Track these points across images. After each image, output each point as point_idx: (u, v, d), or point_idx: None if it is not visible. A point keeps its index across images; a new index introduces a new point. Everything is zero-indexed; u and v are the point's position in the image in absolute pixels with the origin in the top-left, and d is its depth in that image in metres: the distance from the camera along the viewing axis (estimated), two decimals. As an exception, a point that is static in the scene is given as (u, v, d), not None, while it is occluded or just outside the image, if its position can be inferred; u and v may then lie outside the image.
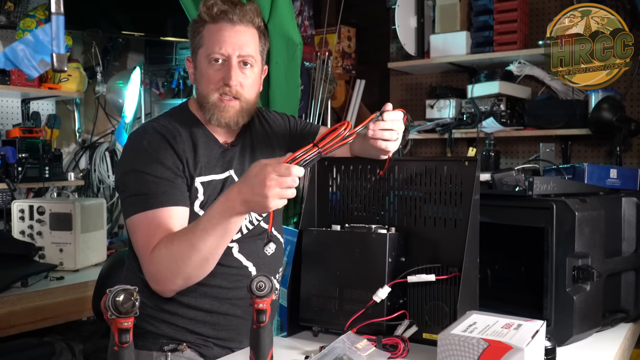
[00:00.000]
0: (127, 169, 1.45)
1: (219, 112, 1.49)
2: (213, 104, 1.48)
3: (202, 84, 1.50)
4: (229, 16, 1.47)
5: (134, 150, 1.46)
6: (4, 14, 3.03)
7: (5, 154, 2.96)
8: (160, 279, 1.37)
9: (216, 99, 1.48)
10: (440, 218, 1.44)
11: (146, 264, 1.39)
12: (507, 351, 1.01)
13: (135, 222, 1.40)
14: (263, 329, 1.19)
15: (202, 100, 1.50)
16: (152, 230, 1.37)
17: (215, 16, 1.47)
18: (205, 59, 1.48)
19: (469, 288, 1.37)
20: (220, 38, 1.47)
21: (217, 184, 1.49)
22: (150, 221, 1.38)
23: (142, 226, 1.39)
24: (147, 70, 3.81)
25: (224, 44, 1.47)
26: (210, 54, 1.47)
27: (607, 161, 3.06)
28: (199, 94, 1.52)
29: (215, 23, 1.48)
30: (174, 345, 1.46)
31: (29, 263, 2.54)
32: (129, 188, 1.42)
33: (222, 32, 1.47)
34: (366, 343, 1.30)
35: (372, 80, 3.82)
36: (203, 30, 1.49)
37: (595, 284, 1.47)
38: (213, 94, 1.48)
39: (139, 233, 1.39)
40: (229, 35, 1.47)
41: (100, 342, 2.68)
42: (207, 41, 1.48)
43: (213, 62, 1.47)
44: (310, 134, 1.68)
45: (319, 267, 1.50)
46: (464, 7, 3.24)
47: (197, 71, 1.51)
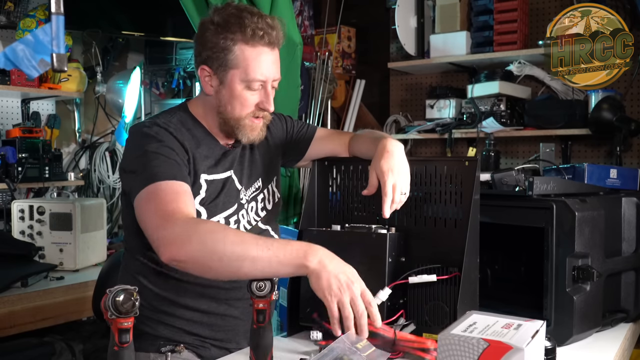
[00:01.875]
0: (137, 153, 1.40)
1: (250, 131, 1.48)
2: (245, 125, 1.48)
3: (236, 107, 1.46)
4: (267, 40, 1.43)
5: (142, 137, 1.42)
6: (4, 14, 3.03)
7: (5, 154, 2.96)
8: (178, 242, 1.21)
9: (249, 122, 1.48)
10: (440, 218, 1.44)
11: (165, 225, 1.24)
12: (507, 351, 1.01)
13: (146, 193, 1.31)
14: (263, 329, 1.19)
15: (232, 121, 1.47)
16: (167, 196, 1.29)
17: (251, 38, 1.41)
18: (241, 82, 1.43)
19: (469, 288, 1.37)
20: (261, 65, 1.43)
21: (218, 183, 1.49)
22: (164, 189, 1.30)
23: (156, 195, 1.30)
24: (147, 70, 3.81)
25: (264, 70, 1.43)
26: (250, 80, 1.43)
27: (607, 161, 3.06)
28: (226, 113, 1.47)
29: (253, 46, 1.42)
30: (172, 347, 1.46)
31: (29, 263, 2.54)
32: (137, 168, 1.37)
33: (261, 58, 1.43)
34: (366, 343, 1.30)
35: (372, 80, 3.82)
36: (235, 48, 1.41)
37: (595, 284, 1.47)
38: (248, 117, 1.47)
39: (150, 203, 1.30)
40: (268, 61, 1.44)
41: (100, 342, 2.68)
42: (244, 64, 1.42)
43: (251, 88, 1.44)
44: (306, 139, 1.68)
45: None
46: (464, 7, 3.24)
47: (226, 90, 1.45)
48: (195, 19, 2.30)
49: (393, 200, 1.37)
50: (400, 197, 1.38)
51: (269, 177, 1.63)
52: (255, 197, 1.58)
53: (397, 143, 1.44)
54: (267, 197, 1.61)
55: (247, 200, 1.56)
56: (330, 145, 1.66)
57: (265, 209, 1.61)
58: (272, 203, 1.63)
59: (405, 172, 1.41)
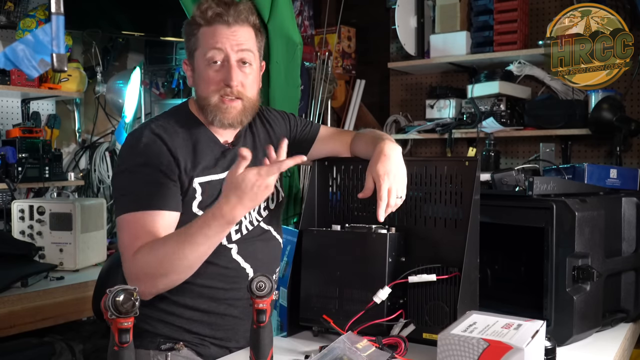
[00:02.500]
0: (120, 168, 1.46)
1: (221, 113, 1.48)
2: (215, 105, 1.48)
3: (202, 86, 1.49)
4: (224, 18, 1.46)
5: (130, 151, 1.46)
6: (4, 14, 3.03)
7: (5, 154, 2.96)
8: (142, 281, 1.35)
9: (217, 101, 1.47)
10: (440, 218, 1.44)
11: (128, 264, 1.38)
12: (507, 351, 1.01)
13: (123, 221, 1.40)
14: (263, 329, 1.19)
15: (203, 102, 1.49)
16: (137, 231, 1.37)
17: (210, 19, 1.46)
18: (204, 60, 1.47)
19: (469, 288, 1.37)
20: (217, 39, 1.46)
21: (216, 184, 1.48)
22: (137, 222, 1.38)
23: (129, 226, 1.39)
24: (147, 70, 3.80)
25: (221, 44, 1.46)
26: (208, 56, 1.46)
27: (607, 161, 3.06)
28: (199, 97, 1.51)
29: (210, 26, 1.47)
30: (171, 345, 1.46)
31: (29, 263, 2.53)
32: (121, 187, 1.43)
33: (218, 33, 1.46)
34: (366, 343, 1.30)
35: (372, 80, 3.82)
36: (198, 32, 1.48)
37: (595, 284, 1.47)
38: (214, 95, 1.47)
39: (124, 232, 1.40)
40: (226, 35, 1.46)
41: (100, 342, 2.68)
42: (204, 43, 1.47)
43: (212, 64, 1.47)
44: (309, 138, 1.68)
45: (319, 267, 1.50)
46: (464, 7, 3.24)
47: (195, 73, 1.51)
48: (195, 19, 2.30)
49: (388, 204, 1.37)
50: (396, 201, 1.39)
51: None
52: None
53: (395, 146, 1.44)
54: (271, 196, 1.60)
55: None
56: (333, 144, 1.66)
57: (268, 208, 1.60)
58: (275, 202, 1.62)
59: (402, 175, 1.41)
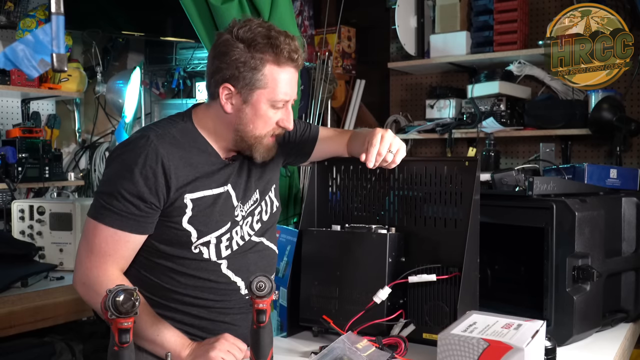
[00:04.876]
0: (108, 176, 1.42)
1: (268, 152, 1.48)
2: (266, 145, 1.47)
3: (259, 125, 1.44)
4: (296, 62, 1.43)
5: (121, 161, 1.41)
6: (4, 14, 3.03)
7: (5, 154, 2.96)
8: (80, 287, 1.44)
9: (270, 141, 1.47)
10: (440, 218, 1.44)
11: (82, 268, 1.42)
12: (507, 351, 1.01)
13: (97, 229, 1.39)
14: (263, 329, 1.19)
15: (252, 140, 1.45)
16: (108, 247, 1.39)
17: (282, 60, 1.40)
18: (268, 102, 1.42)
19: (469, 288, 1.37)
20: (288, 85, 1.43)
21: (208, 200, 1.45)
22: (111, 238, 1.38)
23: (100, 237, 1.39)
24: (147, 70, 3.81)
25: (289, 91, 1.44)
26: (278, 100, 1.43)
27: (607, 161, 3.06)
28: (246, 131, 1.45)
29: (281, 68, 1.41)
30: None
31: (29, 263, 2.53)
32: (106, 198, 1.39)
33: (289, 79, 1.43)
34: (366, 343, 1.30)
35: (372, 80, 3.82)
36: (264, 69, 1.40)
37: (595, 284, 1.47)
38: (268, 135, 1.46)
39: (89, 237, 1.40)
40: (294, 81, 1.45)
41: (100, 342, 2.67)
42: (273, 85, 1.41)
43: (275, 107, 1.44)
44: (310, 141, 1.66)
45: (319, 267, 1.50)
46: (464, 7, 3.24)
47: (250, 109, 1.43)
48: (196, 20, 2.30)
49: (379, 152, 1.37)
50: (388, 155, 1.38)
51: (267, 188, 1.58)
52: (253, 211, 1.53)
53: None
54: (265, 208, 1.57)
55: (243, 216, 1.51)
56: (333, 145, 1.65)
57: (261, 220, 1.55)
58: (268, 214, 1.58)
59: (398, 139, 1.41)
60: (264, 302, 1.18)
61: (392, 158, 1.39)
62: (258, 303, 1.17)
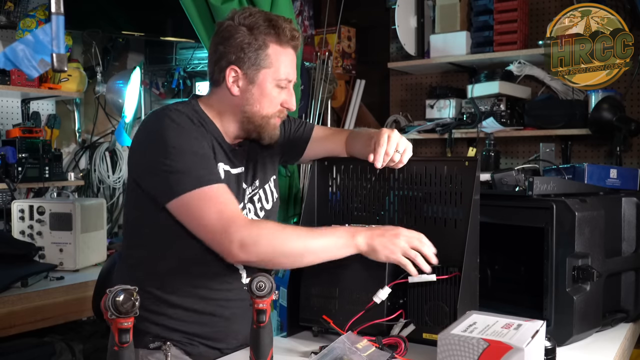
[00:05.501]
0: (166, 146, 1.38)
1: (274, 131, 1.53)
2: (273, 125, 1.52)
3: (265, 105, 1.49)
4: (296, 43, 1.50)
5: (169, 128, 1.40)
6: (4, 14, 3.03)
7: (5, 154, 2.96)
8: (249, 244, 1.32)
9: (275, 121, 1.52)
10: (440, 218, 1.44)
11: (232, 229, 1.33)
12: (507, 351, 1.01)
13: (201, 196, 1.35)
14: (263, 329, 1.19)
15: (259, 120, 1.50)
16: (225, 200, 1.37)
17: (284, 41, 1.48)
18: (273, 81, 1.48)
19: (469, 288, 1.37)
20: (290, 65, 1.50)
21: (230, 177, 1.50)
22: (218, 193, 1.36)
23: (214, 198, 1.36)
24: (147, 70, 3.81)
25: (292, 71, 1.51)
26: (280, 80, 1.48)
27: (607, 161, 3.06)
28: (253, 112, 1.49)
29: (284, 47, 1.48)
30: (160, 343, 1.45)
31: (29, 263, 2.53)
32: (172, 165, 1.36)
33: (291, 59, 1.50)
34: (366, 343, 1.30)
35: (372, 80, 3.82)
36: (268, 49, 1.46)
37: (595, 284, 1.47)
38: (275, 115, 1.52)
39: (211, 205, 1.35)
40: (295, 62, 1.52)
41: (100, 342, 2.68)
42: (277, 65, 1.47)
43: (280, 87, 1.50)
44: (303, 139, 1.68)
45: (319, 267, 1.49)
46: (464, 7, 3.24)
47: (257, 89, 1.48)
48: (196, 19, 2.30)
49: (387, 152, 1.40)
50: (395, 155, 1.42)
51: (266, 177, 1.62)
52: (252, 197, 1.57)
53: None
54: (265, 196, 1.61)
55: (247, 200, 1.56)
56: (329, 144, 1.66)
57: (264, 209, 1.60)
58: (271, 203, 1.62)
59: (405, 139, 1.45)
60: (264, 302, 1.18)
61: (400, 158, 1.43)
62: (258, 303, 1.17)
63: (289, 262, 1.41)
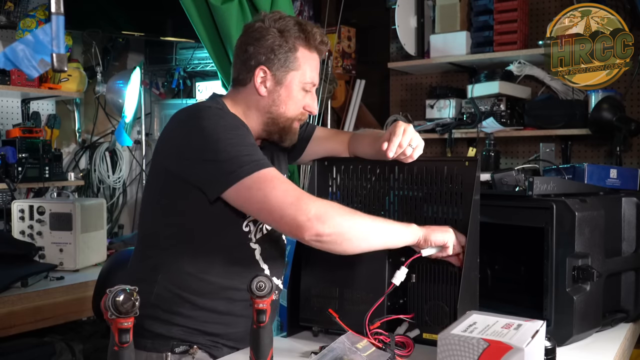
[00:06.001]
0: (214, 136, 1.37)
1: (293, 134, 1.56)
2: (294, 128, 1.55)
3: (291, 106, 1.52)
4: (325, 48, 1.54)
5: (212, 119, 1.40)
6: (4, 14, 3.03)
7: (5, 154, 2.96)
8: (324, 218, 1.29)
9: (297, 125, 1.56)
10: (440, 218, 1.44)
11: (305, 204, 1.30)
12: (507, 351, 1.01)
13: (265, 177, 1.33)
14: (263, 329, 1.19)
15: (283, 121, 1.52)
16: (285, 179, 1.37)
17: (314, 45, 1.52)
18: (299, 84, 1.51)
19: (469, 288, 1.37)
20: (316, 70, 1.54)
21: None
22: (276, 175, 1.35)
23: (278, 179, 1.34)
24: (147, 70, 3.81)
25: (317, 76, 1.55)
26: (306, 83, 1.52)
27: (607, 161, 3.06)
28: (279, 113, 1.51)
29: (311, 52, 1.52)
30: (186, 347, 1.45)
31: (29, 263, 2.54)
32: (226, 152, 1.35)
33: (316, 64, 1.54)
34: (366, 343, 1.30)
35: (372, 80, 3.82)
36: (297, 52, 1.50)
37: (595, 284, 1.47)
38: (297, 119, 1.54)
39: (270, 186, 1.32)
40: (318, 68, 1.56)
41: (100, 342, 2.68)
42: (304, 68, 1.51)
43: (305, 90, 1.53)
44: (304, 138, 1.68)
45: (319, 267, 1.50)
46: (464, 7, 3.24)
47: (284, 90, 1.51)
48: (196, 20, 2.30)
49: (400, 144, 1.41)
50: (407, 148, 1.42)
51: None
52: None
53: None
54: None
55: None
56: (330, 144, 1.66)
57: None
58: None
59: (419, 137, 1.46)
60: (264, 302, 1.18)
61: (411, 152, 1.44)
62: (258, 303, 1.17)
63: (356, 240, 1.33)
